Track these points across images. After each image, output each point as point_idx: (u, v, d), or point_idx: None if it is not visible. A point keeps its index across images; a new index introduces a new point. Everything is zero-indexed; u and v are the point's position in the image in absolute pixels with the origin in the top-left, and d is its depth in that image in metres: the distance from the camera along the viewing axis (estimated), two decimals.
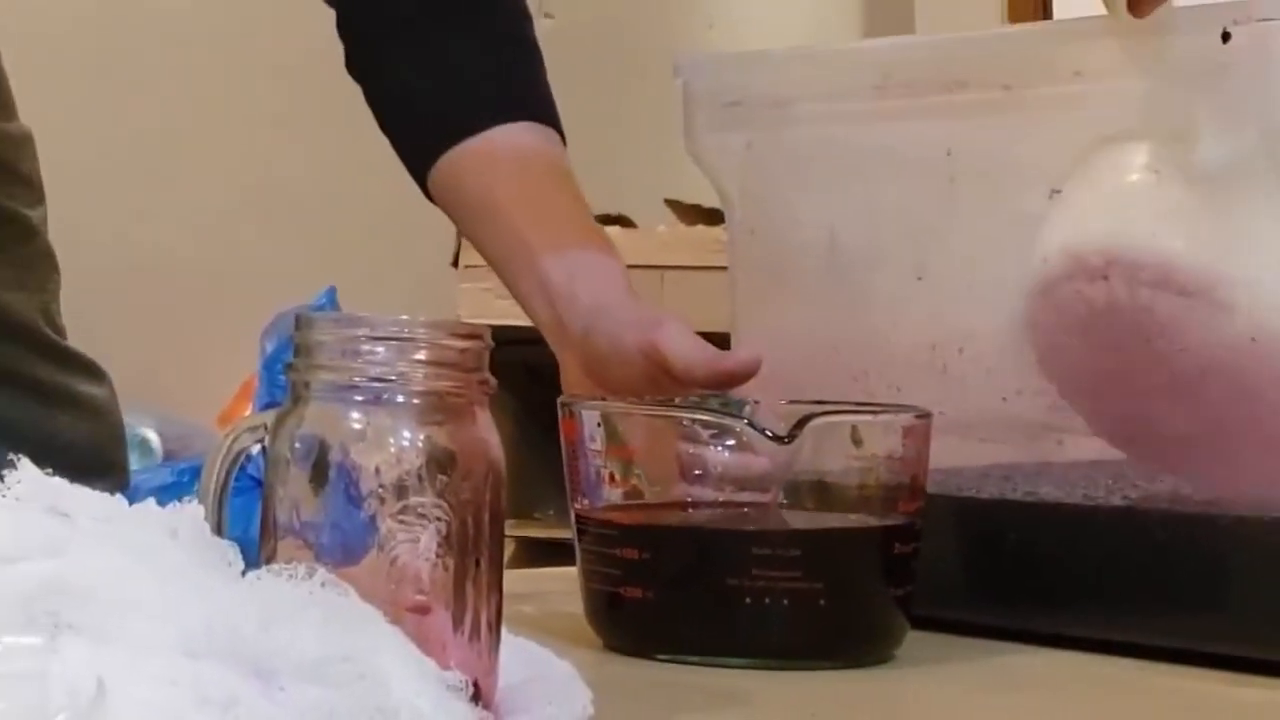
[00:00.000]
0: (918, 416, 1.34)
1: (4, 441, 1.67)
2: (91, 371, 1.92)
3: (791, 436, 1.30)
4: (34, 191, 1.96)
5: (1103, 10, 1.42)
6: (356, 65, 1.81)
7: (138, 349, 2.18)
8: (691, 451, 1.37)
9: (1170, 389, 1.34)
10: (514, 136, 1.72)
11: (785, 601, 1.30)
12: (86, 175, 3.58)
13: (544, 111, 1.74)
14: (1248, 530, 1.32)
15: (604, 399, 1.45)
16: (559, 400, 1.39)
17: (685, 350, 1.47)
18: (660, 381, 1.48)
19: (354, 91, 1.73)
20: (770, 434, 1.31)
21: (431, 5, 1.77)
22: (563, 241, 1.64)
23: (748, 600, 1.30)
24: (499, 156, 1.73)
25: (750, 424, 1.32)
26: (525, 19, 1.80)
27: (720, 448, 1.36)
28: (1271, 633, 1.30)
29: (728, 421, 1.35)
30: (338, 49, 1.78)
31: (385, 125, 1.80)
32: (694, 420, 1.37)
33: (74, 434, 1.87)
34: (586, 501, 1.37)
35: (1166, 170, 1.36)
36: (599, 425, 1.36)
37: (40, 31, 3.33)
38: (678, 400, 1.41)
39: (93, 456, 1.86)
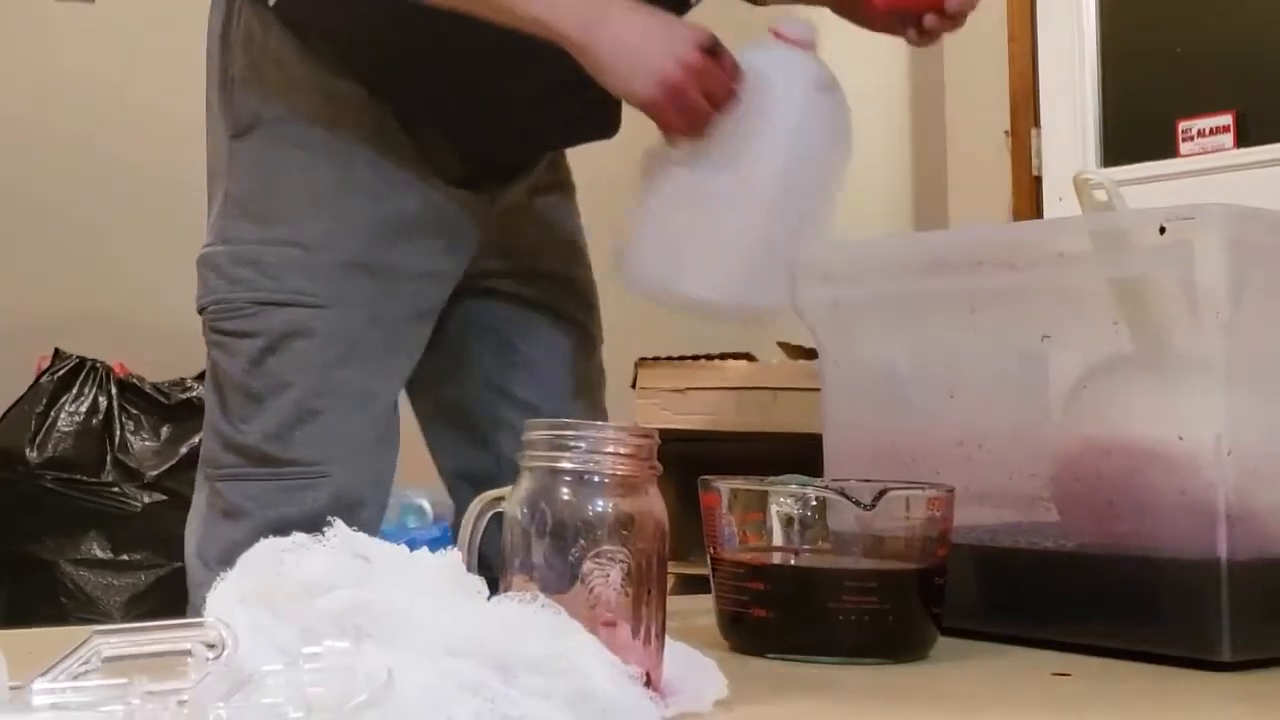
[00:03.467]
0: (946, 491, 1.33)
1: None
2: None
3: (874, 504, 1.29)
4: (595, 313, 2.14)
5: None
6: None
7: (418, 444, 2.20)
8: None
9: (1133, 502, 1.34)
10: None
11: (866, 618, 1.29)
12: None
13: None
14: (1175, 568, 1.31)
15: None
16: (699, 479, 1.38)
17: None
18: None
19: None
20: (858, 502, 1.30)
21: None
22: None
23: (840, 617, 1.29)
24: None
25: (844, 494, 1.31)
26: None
27: (808, 512, 1.35)
28: (1190, 638, 1.29)
29: (828, 494, 1.34)
30: None
31: None
32: (803, 492, 1.36)
33: None
34: (719, 548, 1.37)
35: (1142, 374, 1.37)
36: (728, 496, 1.36)
37: None
38: (769, 480, 1.39)
39: None
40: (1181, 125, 4.61)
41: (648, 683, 1.05)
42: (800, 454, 1.68)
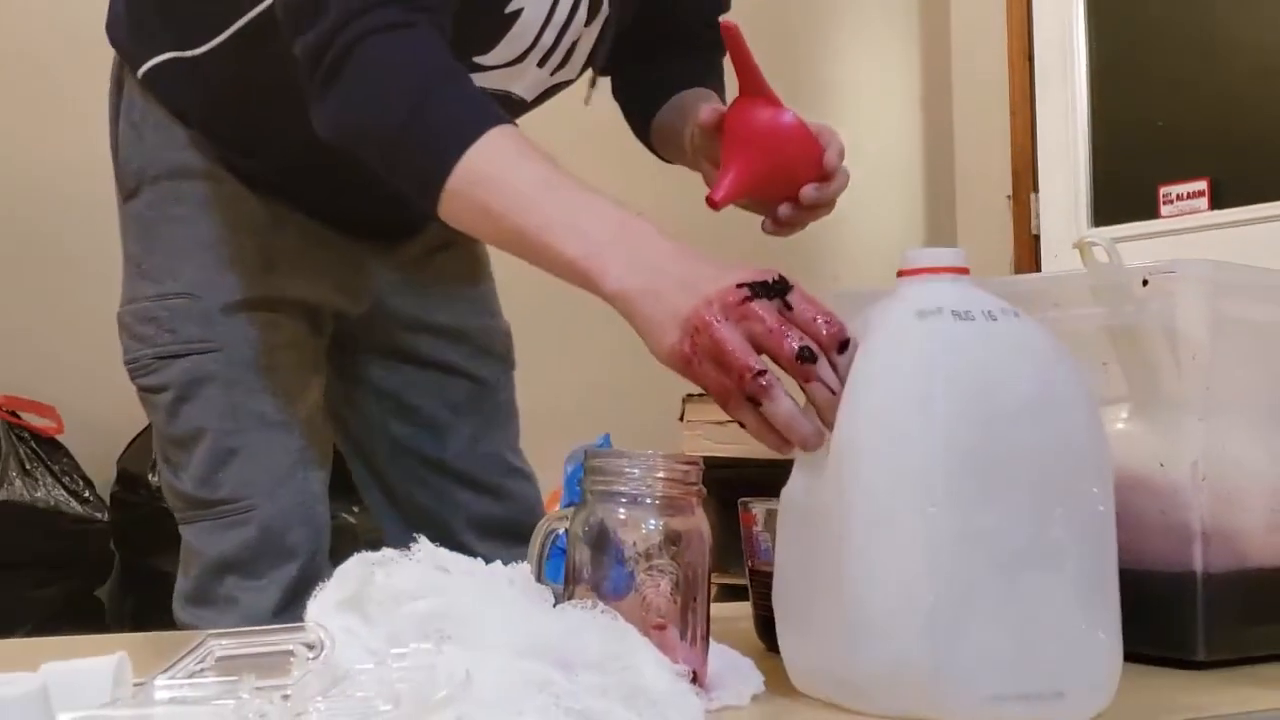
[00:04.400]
0: None
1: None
2: None
3: None
4: (510, 366, 2.00)
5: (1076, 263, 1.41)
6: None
7: None
8: None
9: (1121, 522, 1.33)
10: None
11: None
12: None
13: None
14: (1157, 580, 1.30)
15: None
16: (739, 501, 1.38)
17: None
18: None
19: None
20: None
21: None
22: None
23: None
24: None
25: None
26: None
27: None
28: (1170, 640, 1.29)
29: None
30: None
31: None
32: None
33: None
34: (756, 561, 1.36)
35: (1128, 409, 1.36)
36: (764, 515, 1.36)
37: None
38: None
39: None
40: (1162, 190, 4.59)
41: (694, 679, 1.05)
42: None
